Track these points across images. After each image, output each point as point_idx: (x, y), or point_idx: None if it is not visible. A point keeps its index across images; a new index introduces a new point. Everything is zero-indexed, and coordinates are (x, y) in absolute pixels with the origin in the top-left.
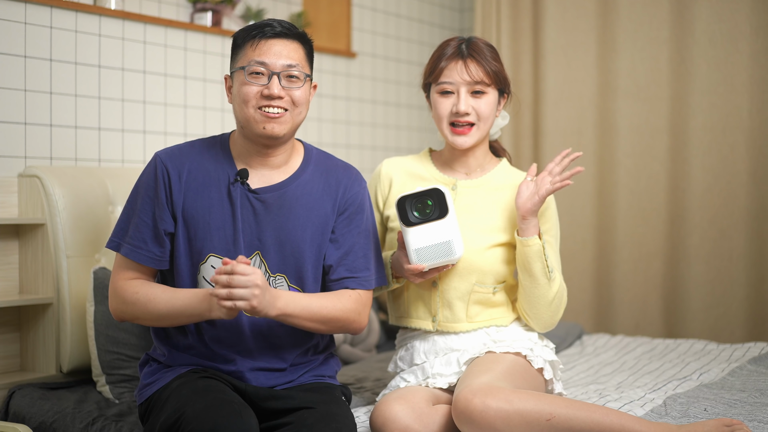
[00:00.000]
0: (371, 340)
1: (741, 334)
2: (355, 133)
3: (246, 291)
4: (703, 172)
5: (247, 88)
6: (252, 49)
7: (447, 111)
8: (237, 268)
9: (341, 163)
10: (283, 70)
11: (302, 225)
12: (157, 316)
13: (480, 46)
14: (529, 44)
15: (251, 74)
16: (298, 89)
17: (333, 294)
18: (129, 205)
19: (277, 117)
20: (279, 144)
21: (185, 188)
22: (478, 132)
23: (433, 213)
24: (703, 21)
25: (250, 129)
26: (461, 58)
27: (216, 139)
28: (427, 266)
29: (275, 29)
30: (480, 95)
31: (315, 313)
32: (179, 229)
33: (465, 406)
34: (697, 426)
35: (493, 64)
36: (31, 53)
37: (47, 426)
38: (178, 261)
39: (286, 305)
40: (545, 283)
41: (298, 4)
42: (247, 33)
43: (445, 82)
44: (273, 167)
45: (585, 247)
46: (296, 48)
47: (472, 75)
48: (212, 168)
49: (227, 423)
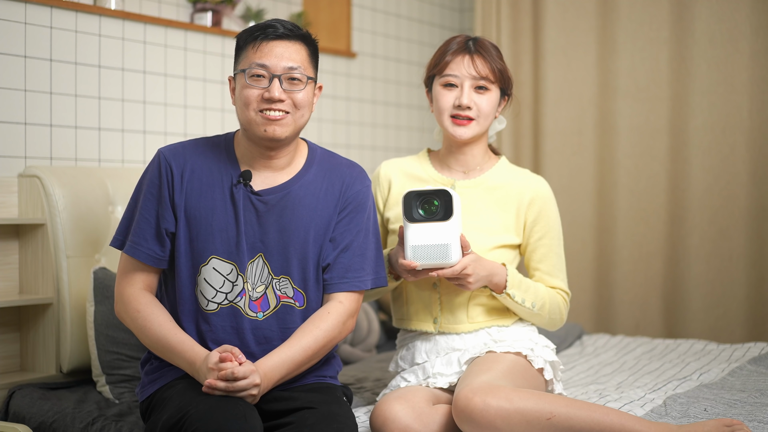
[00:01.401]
0: (371, 340)
1: (741, 334)
2: (355, 133)
3: (245, 393)
4: (703, 172)
5: (248, 91)
6: (253, 51)
7: (449, 104)
8: (237, 373)
9: (345, 162)
10: (284, 72)
11: (305, 226)
12: (146, 344)
13: (486, 45)
14: (529, 44)
15: (252, 77)
16: (299, 92)
17: (310, 325)
18: (132, 202)
19: (279, 120)
20: (282, 146)
21: (187, 188)
22: (477, 126)
23: (438, 214)
24: (703, 21)
25: (251, 131)
26: (468, 53)
27: (220, 139)
28: (420, 265)
29: (278, 31)
30: (483, 91)
31: (299, 359)
32: (181, 229)
33: (465, 405)
34: (697, 426)
35: (499, 63)
36: (31, 53)
37: (47, 426)
38: (179, 261)
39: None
40: (533, 315)
41: (298, 4)
42: (249, 34)
43: (449, 74)
44: (276, 169)
45: (585, 247)
46: (298, 49)
47: (478, 70)
48: (215, 169)
49: (232, 425)
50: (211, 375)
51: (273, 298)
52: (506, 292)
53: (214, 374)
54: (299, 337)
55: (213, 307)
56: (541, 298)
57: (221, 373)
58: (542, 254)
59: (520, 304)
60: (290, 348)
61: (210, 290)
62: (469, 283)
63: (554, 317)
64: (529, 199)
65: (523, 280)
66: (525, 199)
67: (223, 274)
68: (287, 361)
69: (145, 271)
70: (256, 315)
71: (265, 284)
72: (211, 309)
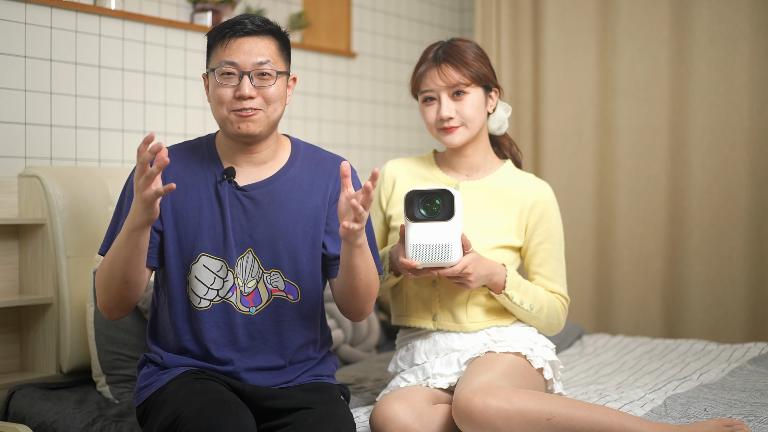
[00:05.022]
0: (371, 340)
1: (741, 334)
2: (355, 133)
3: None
4: (703, 172)
5: (220, 90)
6: (222, 49)
7: (433, 119)
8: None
9: (330, 155)
10: (253, 68)
11: (293, 219)
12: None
13: (456, 48)
14: (529, 44)
15: (222, 75)
16: (270, 87)
17: None
18: (118, 210)
19: (251, 116)
20: (259, 140)
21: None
22: (466, 131)
23: (439, 213)
24: (703, 21)
25: (226, 129)
26: (435, 65)
27: (201, 140)
28: (421, 264)
29: (246, 27)
30: (461, 96)
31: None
32: (169, 231)
33: (465, 406)
34: (697, 426)
35: (472, 65)
36: (31, 53)
37: (47, 426)
38: (169, 262)
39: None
40: (531, 317)
41: (298, 4)
42: (219, 32)
43: (425, 90)
44: (259, 163)
45: (585, 247)
46: (267, 44)
47: (448, 79)
48: (199, 168)
49: (224, 423)
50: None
51: (265, 293)
52: (505, 293)
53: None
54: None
55: (205, 304)
56: (539, 301)
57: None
58: (542, 258)
59: (518, 306)
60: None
61: (201, 287)
62: (469, 282)
63: (552, 321)
64: (532, 202)
65: (522, 282)
66: (528, 202)
67: (213, 270)
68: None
69: None
70: (249, 310)
71: (256, 279)
72: (203, 306)
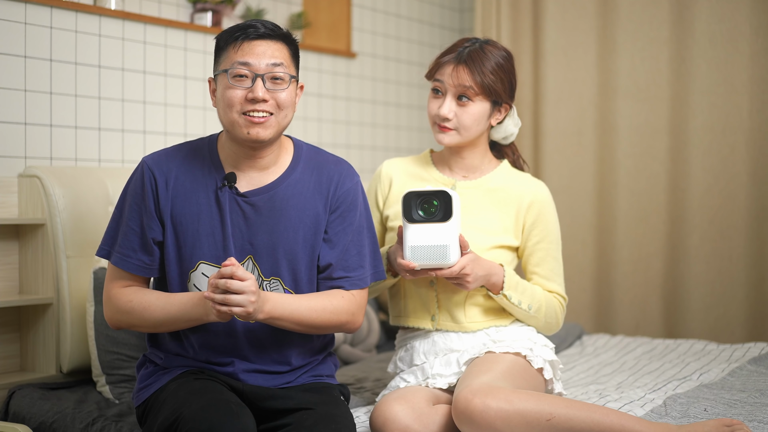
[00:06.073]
0: (371, 340)
1: (741, 334)
2: (355, 133)
3: (242, 297)
4: (703, 172)
5: (231, 92)
6: (234, 50)
7: (434, 111)
8: (237, 273)
9: (332, 158)
10: (267, 71)
11: (294, 226)
12: (154, 324)
13: (483, 54)
14: (529, 44)
15: (235, 77)
16: (283, 91)
17: (324, 294)
18: (117, 212)
19: (263, 121)
20: (266, 146)
21: (173, 195)
22: (458, 136)
23: (437, 214)
24: (703, 21)
25: (234, 133)
26: (455, 62)
27: (204, 142)
28: (419, 265)
29: (258, 30)
30: (465, 102)
31: (303, 315)
32: (168, 237)
33: (465, 406)
34: (697, 426)
35: (489, 76)
36: (31, 53)
37: (47, 426)
38: (169, 268)
39: (273, 308)
40: (529, 317)
41: (298, 4)
42: (230, 35)
43: (437, 79)
44: (261, 169)
45: (585, 247)
46: (280, 48)
47: (460, 81)
48: (199, 173)
49: (224, 423)
50: (210, 290)
51: None
52: (503, 293)
53: (213, 289)
54: (310, 297)
55: None
56: (537, 301)
57: (222, 270)
58: (540, 258)
59: (516, 306)
60: (299, 299)
61: (203, 292)
62: (467, 283)
63: (550, 321)
64: (529, 202)
65: (520, 282)
66: (524, 202)
67: None
68: (291, 305)
69: (132, 279)
70: None
71: None
72: None
